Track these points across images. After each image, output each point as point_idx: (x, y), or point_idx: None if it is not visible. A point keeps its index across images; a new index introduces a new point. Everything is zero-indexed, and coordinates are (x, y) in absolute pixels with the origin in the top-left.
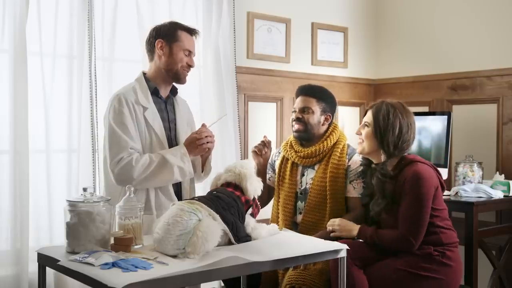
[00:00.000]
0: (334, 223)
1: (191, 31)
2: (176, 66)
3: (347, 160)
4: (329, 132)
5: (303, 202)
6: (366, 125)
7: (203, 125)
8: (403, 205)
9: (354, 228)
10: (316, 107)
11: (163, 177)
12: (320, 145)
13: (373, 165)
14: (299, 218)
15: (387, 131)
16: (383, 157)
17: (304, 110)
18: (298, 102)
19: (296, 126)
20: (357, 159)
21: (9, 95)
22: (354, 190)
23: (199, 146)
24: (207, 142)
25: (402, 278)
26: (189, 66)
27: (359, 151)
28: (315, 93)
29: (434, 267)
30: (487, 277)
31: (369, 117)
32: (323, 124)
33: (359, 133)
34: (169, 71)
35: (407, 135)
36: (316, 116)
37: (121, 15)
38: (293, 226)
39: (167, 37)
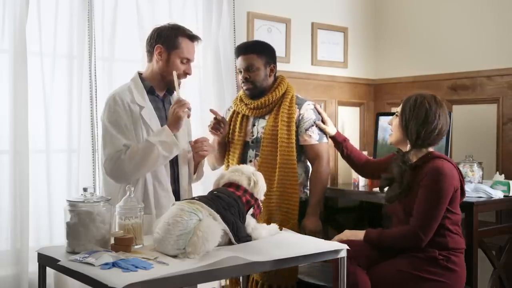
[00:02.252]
0: (343, 236)
1: (193, 38)
2: (172, 75)
3: (297, 110)
4: (277, 83)
5: (254, 150)
6: (396, 115)
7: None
8: (419, 199)
9: (360, 234)
10: (259, 62)
11: (150, 159)
12: (269, 96)
13: (395, 151)
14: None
15: (411, 119)
16: (408, 147)
17: (249, 68)
18: (240, 62)
19: (245, 86)
20: (307, 107)
21: (9, 95)
22: (311, 138)
23: (177, 114)
24: (204, 150)
25: (405, 280)
26: (186, 74)
27: (389, 141)
28: (253, 48)
29: (439, 271)
30: (487, 277)
31: (399, 107)
32: (269, 76)
33: (390, 123)
34: (164, 77)
35: (433, 125)
36: (262, 71)
37: (121, 15)
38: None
39: (167, 43)
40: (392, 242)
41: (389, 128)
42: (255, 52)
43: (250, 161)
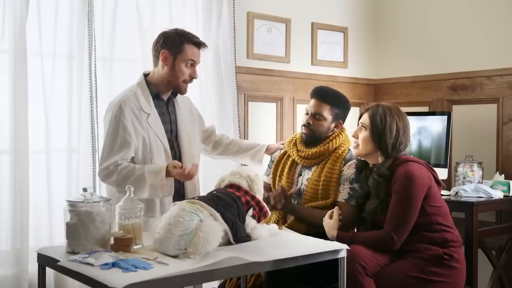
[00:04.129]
0: (325, 221)
1: (198, 45)
2: (178, 80)
3: (342, 165)
4: (333, 136)
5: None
6: (363, 127)
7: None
8: (391, 203)
9: (334, 234)
10: (328, 114)
11: (136, 192)
12: (321, 148)
13: (371, 165)
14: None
15: (385, 133)
16: (380, 159)
17: (316, 116)
18: (312, 106)
19: (305, 131)
20: (351, 164)
21: (9, 95)
22: (339, 194)
23: (180, 178)
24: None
25: (412, 284)
26: (192, 78)
27: (355, 154)
28: (330, 99)
29: (444, 271)
30: (487, 277)
31: (365, 119)
32: (332, 131)
33: (356, 136)
34: (170, 82)
35: (404, 137)
36: (327, 123)
37: (121, 15)
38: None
39: (172, 48)
40: (366, 244)
41: (353, 141)
42: (330, 103)
43: None
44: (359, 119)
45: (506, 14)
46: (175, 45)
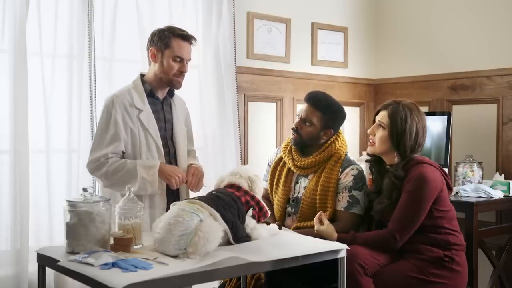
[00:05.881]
0: (319, 227)
1: (184, 37)
2: (168, 75)
3: (339, 173)
4: (328, 143)
5: (293, 209)
6: (381, 126)
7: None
8: (400, 202)
9: (334, 237)
10: (318, 121)
11: (127, 186)
12: (316, 158)
13: (387, 167)
14: (288, 221)
15: (405, 135)
16: (396, 159)
17: (306, 121)
18: (303, 111)
19: (292, 135)
20: (349, 172)
21: (9, 95)
22: (338, 203)
23: (169, 181)
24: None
25: (412, 285)
26: (181, 72)
27: (369, 151)
28: (322, 106)
29: (444, 273)
30: (487, 277)
31: (384, 117)
32: (321, 138)
33: (372, 133)
34: (162, 78)
35: (422, 138)
36: (315, 130)
37: (121, 15)
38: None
39: (159, 44)
40: (368, 243)
41: (369, 137)
42: (321, 111)
43: (289, 215)
44: (376, 115)
45: (506, 14)
46: (161, 40)
